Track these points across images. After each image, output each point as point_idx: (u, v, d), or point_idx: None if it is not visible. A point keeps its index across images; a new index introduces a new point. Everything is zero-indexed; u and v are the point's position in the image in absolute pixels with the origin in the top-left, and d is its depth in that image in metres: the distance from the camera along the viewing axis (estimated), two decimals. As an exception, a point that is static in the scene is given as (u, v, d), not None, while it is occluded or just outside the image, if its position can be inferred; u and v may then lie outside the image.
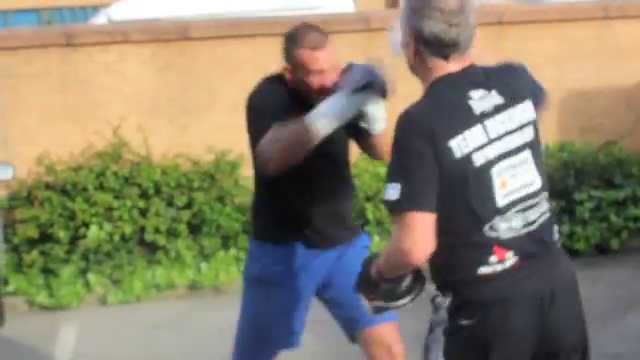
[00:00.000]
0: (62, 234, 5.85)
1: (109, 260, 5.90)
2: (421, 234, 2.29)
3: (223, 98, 6.38)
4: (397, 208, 2.31)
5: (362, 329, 3.28)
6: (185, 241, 5.98)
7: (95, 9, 11.40)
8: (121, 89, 6.28)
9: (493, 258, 2.35)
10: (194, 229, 6.05)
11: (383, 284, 2.47)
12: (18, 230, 5.92)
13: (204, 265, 5.94)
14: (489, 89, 2.38)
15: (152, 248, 6.01)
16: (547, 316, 2.38)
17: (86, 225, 5.90)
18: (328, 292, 3.33)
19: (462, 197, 2.33)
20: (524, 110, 2.41)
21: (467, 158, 2.31)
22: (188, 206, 6.03)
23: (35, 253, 5.87)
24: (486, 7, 7.02)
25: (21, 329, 5.36)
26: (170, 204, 6.02)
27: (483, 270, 2.35)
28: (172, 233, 5.99)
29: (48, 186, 6.00)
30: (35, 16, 14.33)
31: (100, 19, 8.86)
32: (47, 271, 5.87)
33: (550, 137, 6.47)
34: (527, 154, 2.39)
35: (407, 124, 2.35)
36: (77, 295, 5.78)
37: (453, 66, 2.38)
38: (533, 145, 2.42)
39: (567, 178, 6.27)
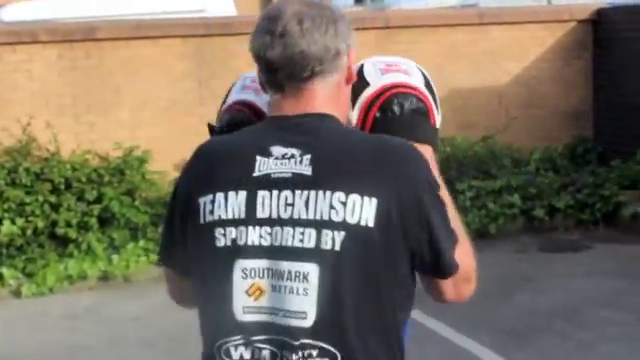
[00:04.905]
0: (-26, 230, 5.96)
1: (22, 254, 6.04)
2: (170, 288, 1.79)
3: (127, 97, 6.62)
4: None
5: None
6: (95, 234, 6.18)
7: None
8: (29, 88, 6.42)
9: None
10: (104, 222, 6.27)
11: None
12: None
13: (115, 257, 6.13)
14: (305, 153, 1.57)
15: (64, 241, 6.19)
16: None
17: (-2, 220, 6.03)
18: None
19: (202, 287, 1.63)
20: (347, 205, 1.53)
21: (209, 229, 1.58)
22: (98, 200, 6.25)
23: (-52, 249, 5.92)
24: (373, 12, 7.49)
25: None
26: (80, 199, 6.23)
27: None
28: (83, 227, 6.19)
29: (-41, 183, 6.06)
30: None
31: None
32: (-40, 266, 5.92)
33: (432, 132, 7.02)
34: (312, 269, 1.52)
35: (189, 160, 1.69)
36: (-9, 289, 5.87)
37: (287, 105, 1.62)
38: (334, 262, 1.53)
39: (449, 170, 6.81)
